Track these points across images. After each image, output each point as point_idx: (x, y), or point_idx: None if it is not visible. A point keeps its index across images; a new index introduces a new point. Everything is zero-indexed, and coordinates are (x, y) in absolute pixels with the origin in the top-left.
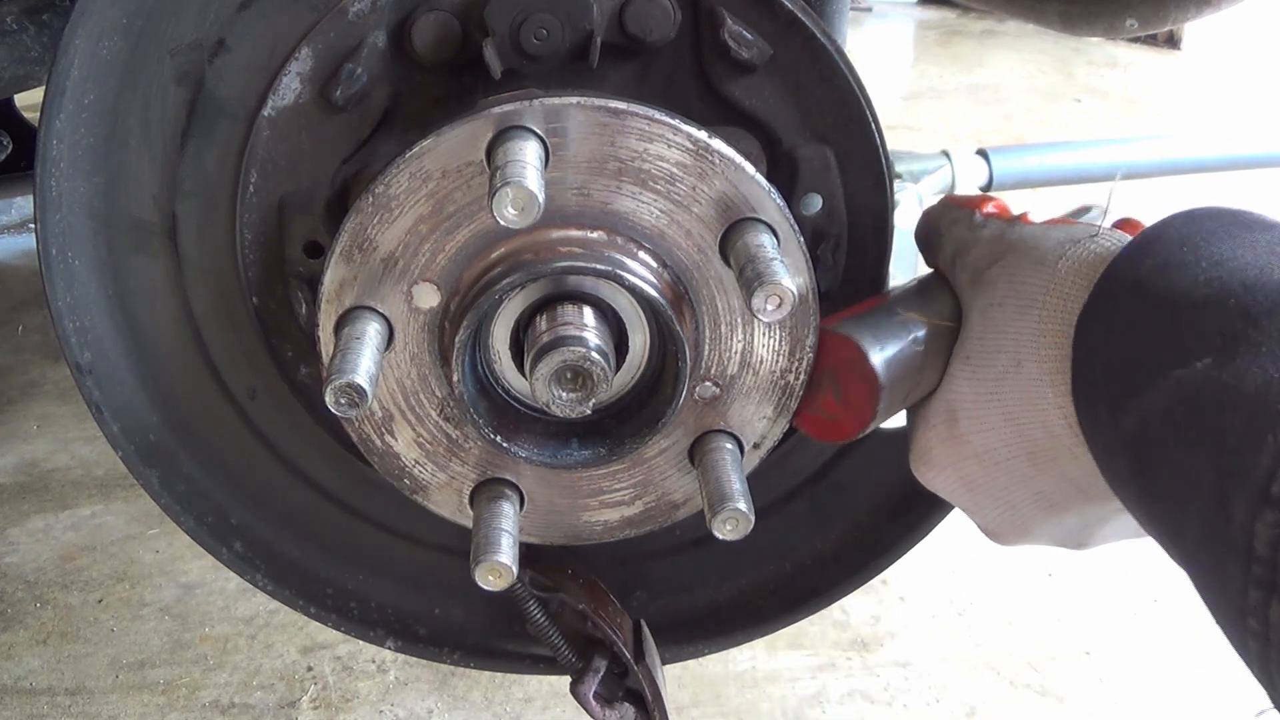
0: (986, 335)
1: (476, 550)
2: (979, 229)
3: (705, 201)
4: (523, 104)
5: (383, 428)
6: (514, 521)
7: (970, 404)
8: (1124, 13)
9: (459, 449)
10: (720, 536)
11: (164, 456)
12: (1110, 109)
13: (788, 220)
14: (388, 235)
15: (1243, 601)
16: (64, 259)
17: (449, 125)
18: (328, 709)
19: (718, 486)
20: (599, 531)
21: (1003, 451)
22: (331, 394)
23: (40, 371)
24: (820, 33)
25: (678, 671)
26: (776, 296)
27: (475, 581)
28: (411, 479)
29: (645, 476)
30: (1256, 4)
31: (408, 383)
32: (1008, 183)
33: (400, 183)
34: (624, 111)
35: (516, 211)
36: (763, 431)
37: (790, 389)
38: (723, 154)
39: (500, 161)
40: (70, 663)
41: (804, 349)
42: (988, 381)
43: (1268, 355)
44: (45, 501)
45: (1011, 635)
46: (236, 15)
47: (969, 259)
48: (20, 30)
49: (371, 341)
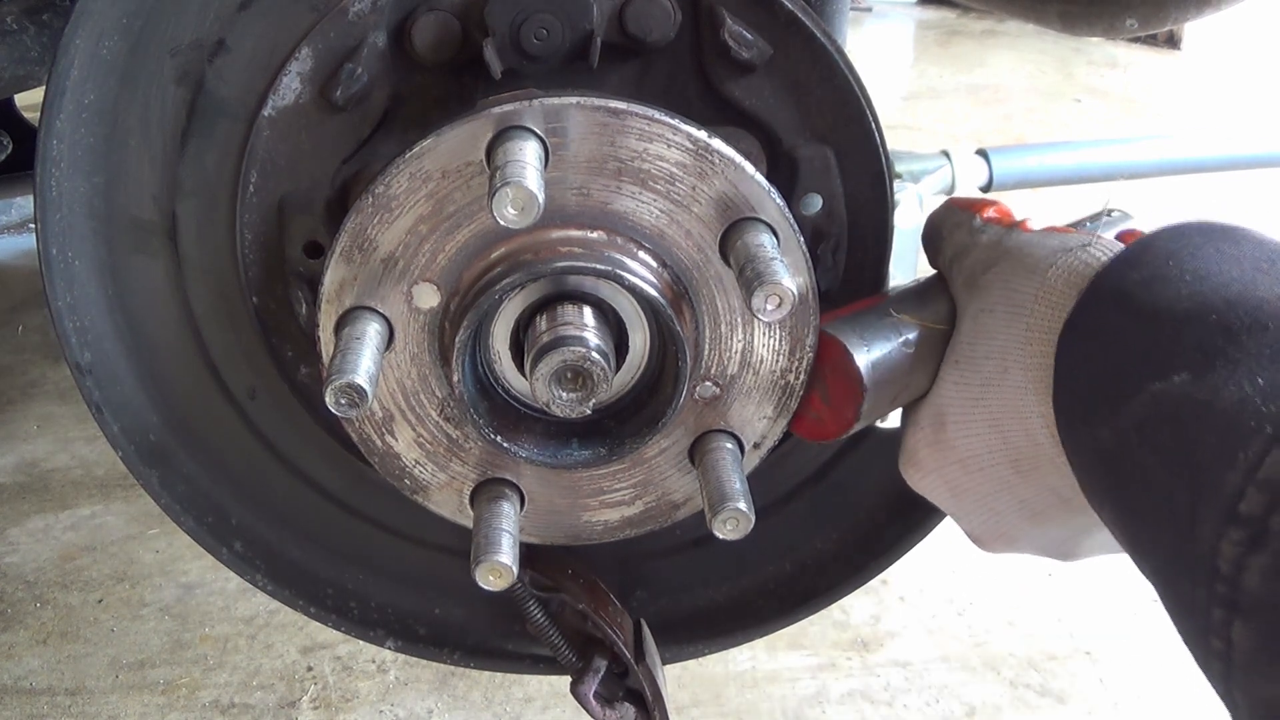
0: (976, 340)
1: (477, 550)
2: (978, 234)
3: (705, 201)
4: (523, 104)
5: (383, 428)
6: (514, 521)
7: (957, 408)
8: (1124, 13)
9: (459, 449)
10: (720, 536)
11: (164, 456)
12: (1110, 109)
13: (788, 220)
14: (388, 235)
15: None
16: (64, 259)
17: (449, 125)
18: (328, 709)
19: (718, 486)
20: (599, 531)
21: (986, 458)
22: (332, 394)
23: (40, 371)
24: (820, 33)
25: (678, 671)
26: (776, 296)
27: (475, 581)
28: (412, 479)
29: (645, 476)
30: (1256, 4)
31: (408, 383)
32: (1008, 183)
33: (400, 183)
34: (624, 111)
35: (516, 211)
36: (763, 431)
37: (790, 389)
38: (722, 154)
39: (500, 161)
40: (70, 663)
41: (804, 349)
42: (974, 386)
43: (1245, 372)
44: (45, 501)
45: (1011, 635)
46: (237, 15)
47: (965, 263)
48: (20, 30)
49: (371, 342)
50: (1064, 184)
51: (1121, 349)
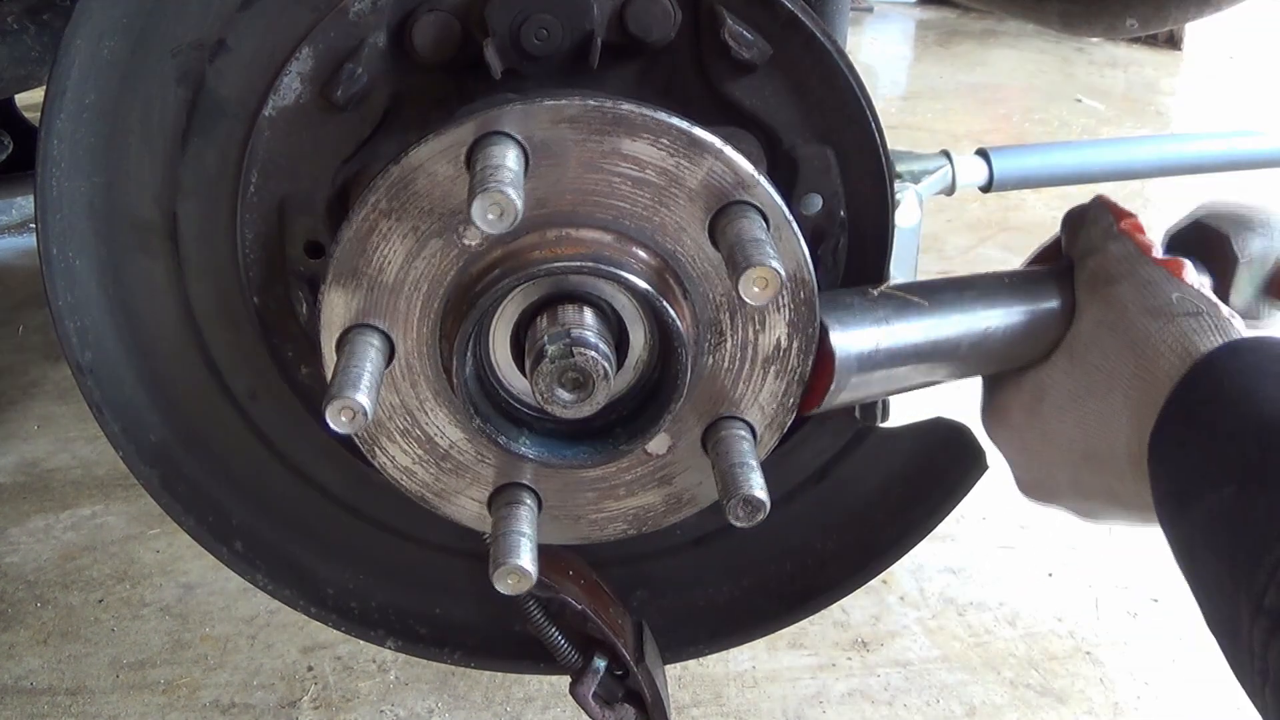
0: (1092, 347)
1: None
2: (1111, 239)
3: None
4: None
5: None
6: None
7: (1059, 392)
8: (1124, 13)
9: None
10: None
11: (164, 456)
12: (1110, 109)
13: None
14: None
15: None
16: (64, 259)
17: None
18: (328, 709)
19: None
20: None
21: (1066, 442)
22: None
23: (41, 371)
24: (820, 33)
25: (678, 671)
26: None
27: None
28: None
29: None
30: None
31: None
32: (1008, 183)
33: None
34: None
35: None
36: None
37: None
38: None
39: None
40: (71, 662)
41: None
42: (1080, 384)
43: (1273, 486)
44: (46, 501)
45: (1011, 635)
46: (237, 15)
47: (1092, 262)
48: (21, 30)
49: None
50: (1064, 184)
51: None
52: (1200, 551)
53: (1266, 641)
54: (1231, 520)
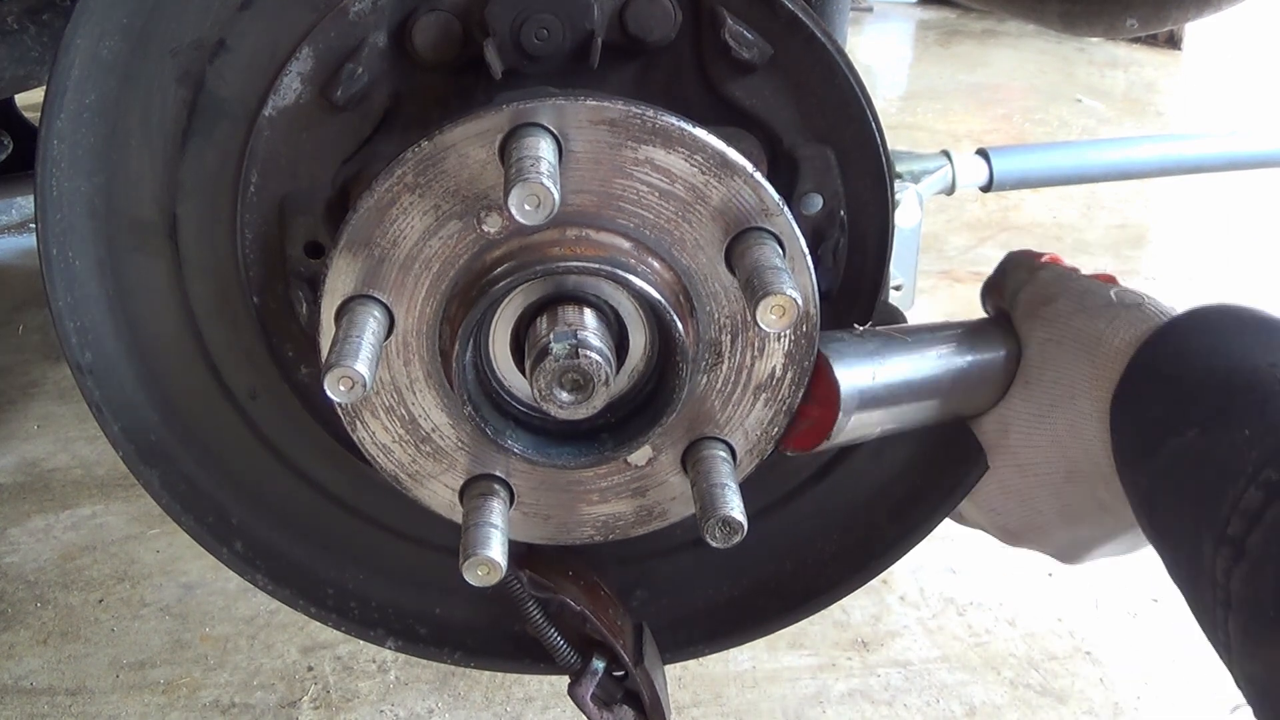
0: (1044, 366)
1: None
2: (1037, 270)
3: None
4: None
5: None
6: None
7: (1022, 421)
8: (1124, 13)
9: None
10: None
11: (164, 456)
12: (1110, 109)
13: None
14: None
15: (1213, 619)
16: (64, 259)
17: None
18: (328, 709)
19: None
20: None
21: (1043, 465)
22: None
23: (41, 371)
24: (820, 33)
25: (678, 671)
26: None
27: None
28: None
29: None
30: (1256, 4)
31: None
32: (1008, 183)
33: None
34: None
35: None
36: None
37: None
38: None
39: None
40: (71, 662)
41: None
42: (1042, 405)
43: (1236, 427)
44: (46, 501)
45: (1011, 635)
46: (237, 15)
47: (1024, 295)
48: (21, 30)
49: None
50: (1064, 184)
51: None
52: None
53: (1229, 570)
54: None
